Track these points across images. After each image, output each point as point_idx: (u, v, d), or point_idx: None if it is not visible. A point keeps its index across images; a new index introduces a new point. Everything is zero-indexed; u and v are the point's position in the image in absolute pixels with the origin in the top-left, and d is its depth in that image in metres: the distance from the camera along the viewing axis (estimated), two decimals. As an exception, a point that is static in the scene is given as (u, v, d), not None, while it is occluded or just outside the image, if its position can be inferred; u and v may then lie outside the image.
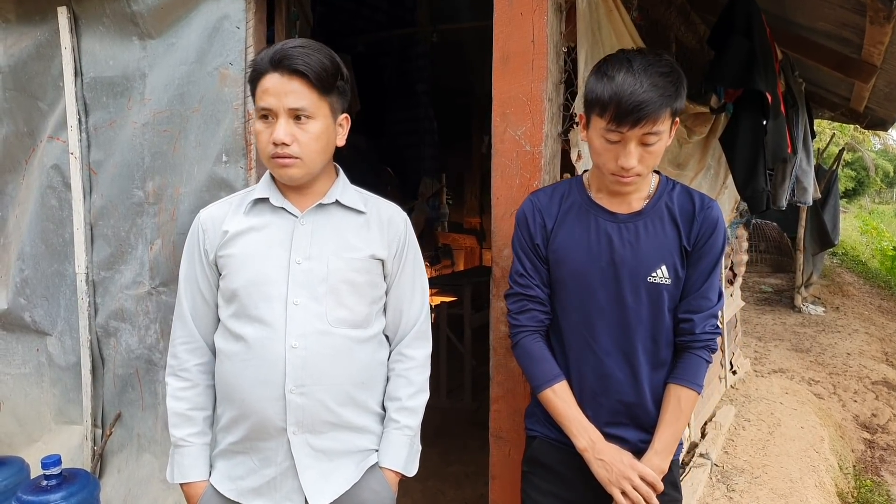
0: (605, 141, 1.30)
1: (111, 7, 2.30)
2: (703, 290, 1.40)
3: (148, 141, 2.34)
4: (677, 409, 1.40)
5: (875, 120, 4.46)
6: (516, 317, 1.50)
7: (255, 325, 1.35)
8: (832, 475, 3.25)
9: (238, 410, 1.37)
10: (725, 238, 1.42)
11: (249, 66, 1.44)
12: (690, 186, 2.87)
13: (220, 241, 1.39)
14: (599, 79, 1.29)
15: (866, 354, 5.55)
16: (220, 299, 1.42)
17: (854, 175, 28.17)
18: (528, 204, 1.51)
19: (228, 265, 1.37)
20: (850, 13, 2.36)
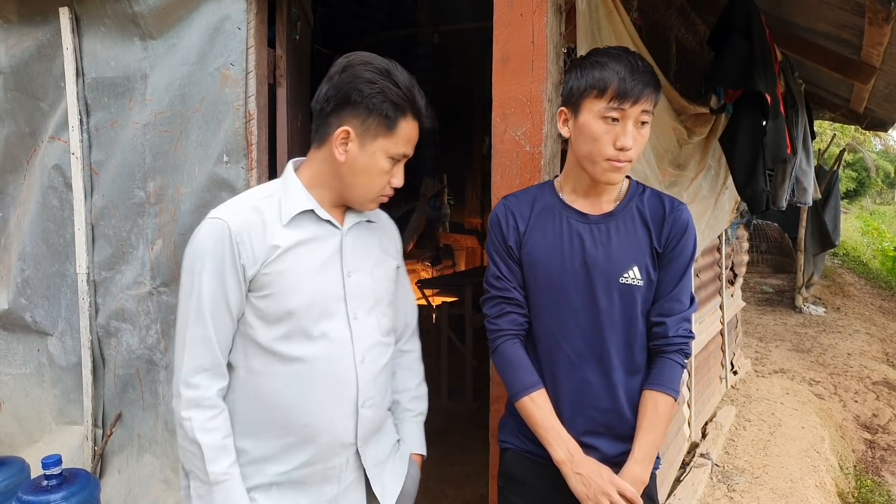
0: (604, 122, 1.31)
1: (113, 8, 2.31)
2: (675, 293, 1.39)
3: (149, 141, 2.35)
4: (654, 416, 1.37)
5: (875, 121, 4.47)
6: (495, 321, 1.47)
7: (318, 344, 1.29)
8: (833, 475, 3.25)
9: (298, 436, 1.29)
10: (695, 241, 1.42)
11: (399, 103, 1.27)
12: (691, 187, 2.90)
13: (266, 256, 1.26)
14: (590, 67, 1.33)
15: (867, 355, 5.55)
16: (257, 320, 1.27)
17: (855, 176, 28.17)
18: (500, 207, 1.50)
19: (277, 283, 1.26)
20: (849, 14, 2.36)
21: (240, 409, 1.30)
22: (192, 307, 1.24)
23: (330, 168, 1.31)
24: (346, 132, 1.26)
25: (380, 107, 1.25)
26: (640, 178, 2.18)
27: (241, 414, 1.30)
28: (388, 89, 1.25)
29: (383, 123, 1.26)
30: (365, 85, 1.24)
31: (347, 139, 1.27)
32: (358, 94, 1.25)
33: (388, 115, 1.26)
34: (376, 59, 1.29)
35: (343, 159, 1.28)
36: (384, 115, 1.25)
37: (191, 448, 1.24)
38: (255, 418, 1.30)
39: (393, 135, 1.27)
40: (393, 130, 1.27)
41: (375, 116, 1.25)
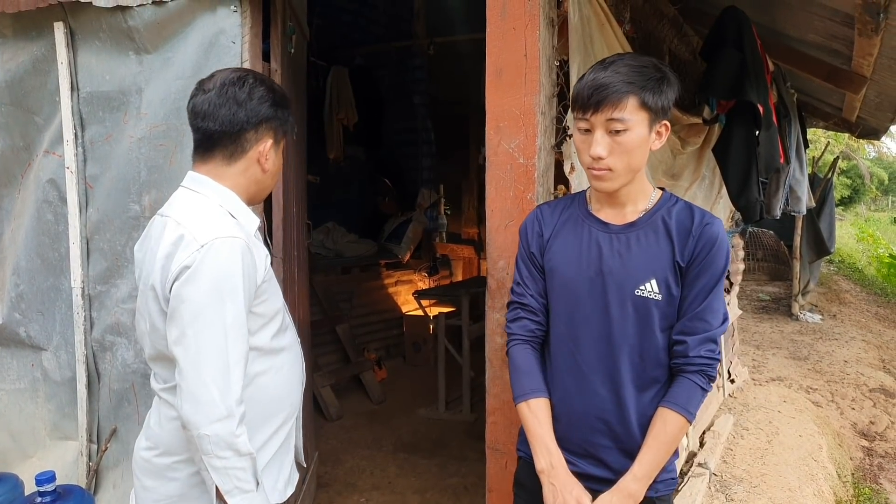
0: (579, 133, 1.33)
1: (107, 22, 2.32)
2: (700, 312, 1.32)
3: (144, 155, 2.35)
4: (662, 433, 1.32)
5: (867, 129, 4.49)
6: (509, 325, 1.50)
7: (288, 333, 1.50)
8: (831, 483, 3.24)
9: (287, 411, 1.48)
10: (728, 258, 1.34)
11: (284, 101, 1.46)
12: (685, 197, 2.91)
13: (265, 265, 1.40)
14: (580, 80, 1.35)
15: (864, 362, 5.55)
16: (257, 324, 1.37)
17: (850, 183, 28.29)
18: (531, 215, 1.52)
19: (269, 287, 1.41)
20: (840, 25, 2.38)
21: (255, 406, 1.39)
22: (231, 326, 1.25)
23: (250, 179, 1.41)
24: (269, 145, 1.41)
25: (281, 117, 1.42)
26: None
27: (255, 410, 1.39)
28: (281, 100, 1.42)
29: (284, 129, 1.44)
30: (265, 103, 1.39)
31: (267, 151, 1.41)
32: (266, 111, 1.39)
33: (287, 121, 1.44)
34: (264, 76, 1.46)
35: (268, 167, 1.42)
36: (284, 122, 1.43)
37: (241, 464, 1.27)
38: (266, 408, 1.41)
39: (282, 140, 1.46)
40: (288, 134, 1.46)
41: (280, 125, 1.42)
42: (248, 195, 1.42)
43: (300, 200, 2.69)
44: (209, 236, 1.26)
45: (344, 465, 3.38)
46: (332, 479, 3.23)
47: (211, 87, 1.36)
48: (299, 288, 2.65)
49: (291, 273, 2.50)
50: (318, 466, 3.24)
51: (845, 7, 2.07)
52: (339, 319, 4.51)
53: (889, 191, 36.41)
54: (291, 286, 2.51)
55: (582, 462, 1.41)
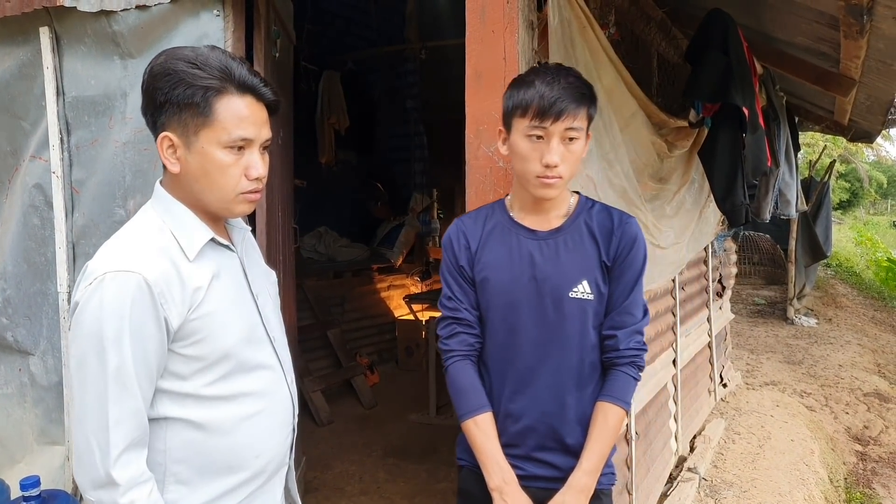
0: (530, 141, 1.33)
1: (92, 27, 2.32)
2: (626, 306, 1.41)
3: (129, 160, 2.35)
4: (604, 426, 1.39)
5: (860, 132, 4.50)
6: (445, 342, 1.48)
7: (256, 375, 1.23)
8: (822, 488, 3.23)
9: (249, 469, 1.22)
10: (645, 253, 1.43)
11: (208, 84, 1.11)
12: (674, 200, 2.91)
13: (192, 301, 1.12)
14: (518, 87, 1.36)
15: (858, 366, 5.54)
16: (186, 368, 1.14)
17: (848, 186, 28.34)
18: (453, 228, 1.51)
19: (206, 326, 1.14)
20: (826, 28, 2.38)
21: (172, 461, 1.15)
22: (111, 379, 1.05)
23: (175, 183, 1.18)
24: (166, 139, 1.13)
25: (185, 96, 1.09)
26: (618, 193, 2.19)
27: (173, 465, 1.15)
28: (187, 74, 1.09)
29: (196, 113, 1.10)
30: (164, 80, 1.10)
31: (173, 146, 1.13)
32: (160, 94, 1.10)
33: (196, 103, 1.09)
34: (175, 51, 1.14)
35: (177, 169, 1.14)
36: (193, 104, 1.10)
37: None
38: (196, 465, 1.17)
39: (214, 122, 1.10)
40: (211, 117, 1.10)
41: (185, 109, 1.10)
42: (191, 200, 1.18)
43: (286, 204, 2.69)
44: (101, 270, 1.07)
45: (333, 470, 3.37)
46: (320, 483, 3.21)
47: None
48: (285, 293, 2.64)
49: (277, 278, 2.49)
50: (307, 472, 3.23)
51: (830, 9, 2.07)
52: (330, 324, 4.50)
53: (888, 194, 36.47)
54: (277, 290, 2.50)
55: (528, 465, 1.44)
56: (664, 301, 3.01)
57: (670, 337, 3.09)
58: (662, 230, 2.59)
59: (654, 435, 2.80)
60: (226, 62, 1.13)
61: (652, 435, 2.77)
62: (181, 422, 1.15)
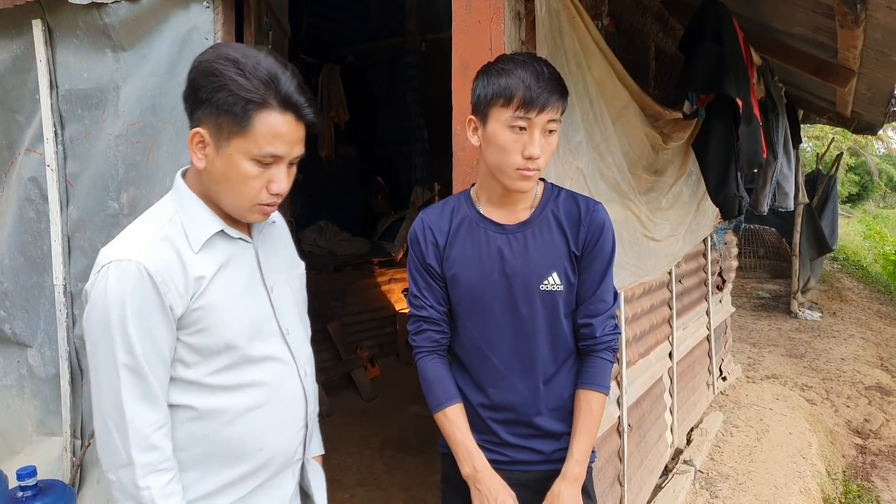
0: (511, 132, 1.30)
1: (84, 20, 2.32)
2: (599, 293, 1.42)
3: (122, 152, 2.36)
4: (590, 413, 1.42)
5: (863, 124, 4.45)
6: (413, 338, 1.49)
7: (263, 367, 1.22)
8: (818, 481, 3.21)
9: (252, 463, 1.21)
10: (614, 240, 1.43)
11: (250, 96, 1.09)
12: (670, 193, 2.89)
13: (194, 290, 1.13)
14: (495, 75, 1.32)
15: (861, 360, 5.51)
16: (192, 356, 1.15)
17: (858, 180, 28.07)
18: (418, 223, 1.49)
19: (208, 316, 1.15)
20: (823, 17, 2.35)
21: (176, 448, 1.16)
22: (122, 365, 1.07)
23: (197, 177, 1.19)
24: (198, 135, 1.12)
25: (225, 102, 1.07)
26: (610, 185, 2.18)
27: (177, 452, 1.16)
28: (233, 81, 1.07)
29: (234, 122, 1.09)
30: (208, 79, 1.08)
31: (203, 143, 1.12)
32: (203, 92, 1.09)
33: (235, 113, 1.08)
34: (231, 47, 1.13)
35: (202, 165, 1.14)
36: (232, 113, 1.08)
37: None
38: (198, 454, 1.18)
39: (248, 134, 1.09)
40: (247, 128, 1.09)
41: (224, 114, 1.08)
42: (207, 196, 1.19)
43: (280, 197, 2.69)
44: (107, 259, 1.10)
45: (330, 462, 3.37)
46: (317, 475, 3.23)
47: None
48: (279, 285, 2.65)
49: (269, 270, 2.50)
50: (304, 463, 3.25)
51: (824, -1, 2.04)
52: (330, 318, 4.52)
53: (898, 187, 36.10)
54: (270, 283, 2.51)
55: (510, 451, 1.46)
56: (660, 294, 3.00)
57: (666, 330, 3.08)
58: (657, 222, 2.58)
59: (648, 427, 2.80)
60: (274, 73, 1.10)
61: (646, 427, 2.77)
62: (185, 408, 1.16)
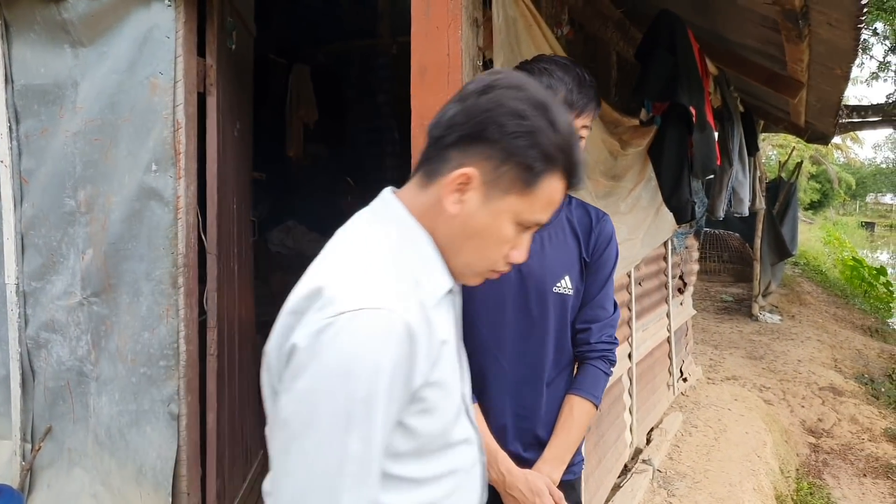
0: None
1: (42, 14, 2.29)
2: (600, 300, 1.42)
3: (79, 150, 2.33)
4: (569, 418, 1.39)
5: (816, 134, 4.61)
6: None
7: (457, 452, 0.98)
8: (771, 478, 3.32)
9: None
10: (617, 251, 1.46)
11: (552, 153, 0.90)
12: (629, 198, 2.96)
13: (437, 356, 0.89)
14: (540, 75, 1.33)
15: (816, 361, 5.69)
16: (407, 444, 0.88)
17: (819, 188, 28.96)
18: None
19: (436, 393, 0.89)
20: (771, 31, 2.44)
21: None
22: (353, 457, 0.78)
23: (436, 217, 0.94)
24: (465, 176, 0.89)
25: (524, 153, 0.88)
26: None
27: None
28: (542, 132, 0.89)
29: (522, 177, 0.90)
30: (510, 119, 0.88)
31: (467, 186, 0.90)
32: (497, 130, 0.88)
33: (530, 167, 0.89)
34: (531, 85, 0.94)
35: (455, 211, 0.91)
36: (526, 167, 0.89)
37: None
38: None
39: (531, 195, 0.91)
40: (532, 189, 0.90)
41: (514, 165, 0.89)
42: (441, 244, 0.95)
43: (242, 196, 2.68)
44: (354, 302, 0.80)
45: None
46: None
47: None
48: (241, 286, 2.64)
49: (230, 270, 2.49)
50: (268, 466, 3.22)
51: (770, 13, 2.12)
52: (296, 319, 4.47)
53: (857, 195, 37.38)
54: (230, 284, 2.50)
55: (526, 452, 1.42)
56: (619, 296, 3.07)
57: (625, 331, 3.14)
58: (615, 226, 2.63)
59: (606, 427, 2.85)
60: (572, 134, 0.94)
61: (604, 427, 2.83)
62: None
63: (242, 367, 2.69)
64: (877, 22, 9.18)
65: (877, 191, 41.52)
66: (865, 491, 3.66)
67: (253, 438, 2.93)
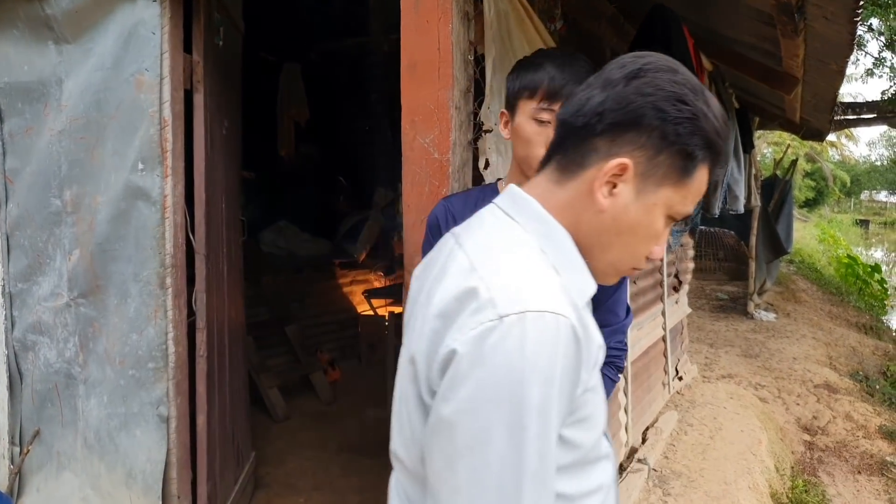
0: (536, 124, 1.27)
1: (25, 10, 2.25)
2: (611, 304, 1.36)
3: (65, 149, 2.29)
4: None
5: (811, 130, 4.60)
6: None
7: (601, 467, 0.90)
8: (767, 476, 3.30)
9: None
10: None
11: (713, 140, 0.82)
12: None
13: (593, 362, 0.84)
14: (526, 69, 1.30)
15: (811, 359, 5.68)
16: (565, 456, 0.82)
17: (814, 185, 29.05)
18: (440, 208, 1.41)
19: (591, 401, 0.83)
20: (766, 27, 2.42)
21: None
22: (529, 471, 0.72)
23: (581, 213, 0.86)
24: (622, 166, 0.82)
25: (686, 140, 0.81)
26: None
27: None
28: (704, 117, 0.82)
29: (680, 165, 0.82)
30: (672, 103, 0.81)
31: (621, 177, 0.82)
32: (658, 116, 0.81)
33: (692, 155, 0.82)
34: (683, 68, 0.86)
35: (606, 205, 0.84)
36: (686, 155, 0.82)
37: None
38: None
39: (687, 185, 0.84)
40: (689, 178, 0.84)
41: (673, 153, 0.82)
42: (583, 242, 0.88)
43: (231, 195, 2.65)
44: (517, 305, 0.74)
45: (286, 466, 3.33)
46: (272, 479, 3.18)
47: None
48: (229, 287, 2.61)
49: (219, 270, 2.46)
50: (260, 467, 3.20)
51: (765, 7, 2.10)
52: (288, 320, 4.46)
53: (851, 193, 37.50)
54: (219, 285, 2.46)
55: None
56: (614, 294, 3.04)
57: (620, 330, 3.12)
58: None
59: (601, 427, 2.83)
60: (726, 119, 0.88)
61: (599, 427, 2.80)
62: None
63: (232, 368, 2.66)
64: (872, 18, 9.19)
65: (871, 188, 41.67)
66: (860, 488, 3.65)
67: (244, 440, 2.90)
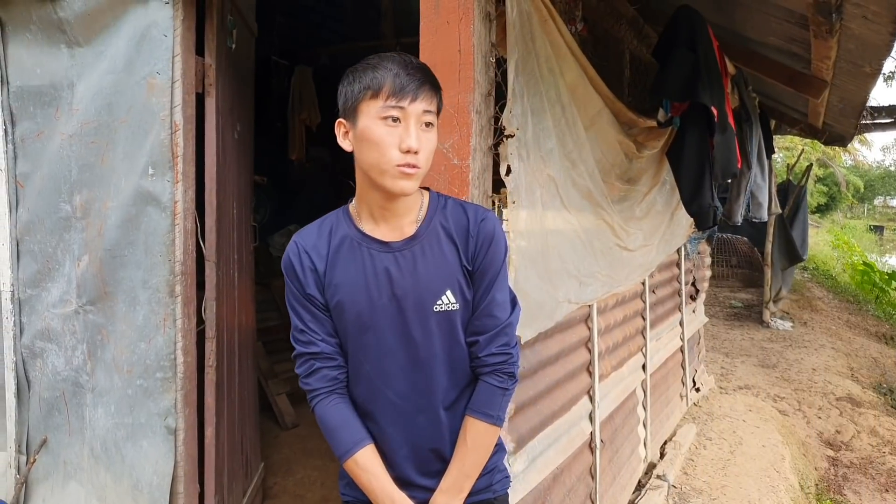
0: (384, 124, 1.18)
1: (37, 13, 2.21)
2: (486, 308, 1.29)
3: (76, 153, 2.25)
4: (463, 444, 1.29)
5: (834, 136, 4.49)
6: (305, 381, 1.32)
7: None
8: (792, 495, 3.20)
9: None
10: (505, 249, 1.31)
11: None
12: (644, 202, 2.86)
13: None
14: (362, 72, 1.22)
15: (832, 370, 5.55)
16: None
17: (826, 191, 28.76)
18: (292, 247, 1.32)
19: None
20: (796, 27, 2.34)
21: None
22: None
23: None
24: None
25: None
26: (582, 193, 2.12)
27: None
28: None
29: None
30: None
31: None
32: None
33: None
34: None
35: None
36: None
37: None
38: None
39: None
40: None
41: None
42: None
43: (242, 200, 2.60)
44: None
45: (295, 476, 3.27)
46: (280, 490, 3.12)
47: None
48: (242, 292, 2.55)
49: (230, 277, 2.40)
50: (268, 477, 3.14)
51: (799, 7, 2.02)
52: (300, 325, 4.39)
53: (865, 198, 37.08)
54: (230, 292, 2.41)
55: (418, 493, 1.32)
56: (633, 304, 2.96)
57: (640, 341, 3.04)
58: (630, 232, 2.53)
59: (620, 442, 2.74)
60: None
61: (619, 442, 2.72)
62: None
63: (242, 377, 2.60)
64: None
65: (885, 194, 41.20)
66: (887, 506, 3.54)
67: (253, 451, 2.84)
